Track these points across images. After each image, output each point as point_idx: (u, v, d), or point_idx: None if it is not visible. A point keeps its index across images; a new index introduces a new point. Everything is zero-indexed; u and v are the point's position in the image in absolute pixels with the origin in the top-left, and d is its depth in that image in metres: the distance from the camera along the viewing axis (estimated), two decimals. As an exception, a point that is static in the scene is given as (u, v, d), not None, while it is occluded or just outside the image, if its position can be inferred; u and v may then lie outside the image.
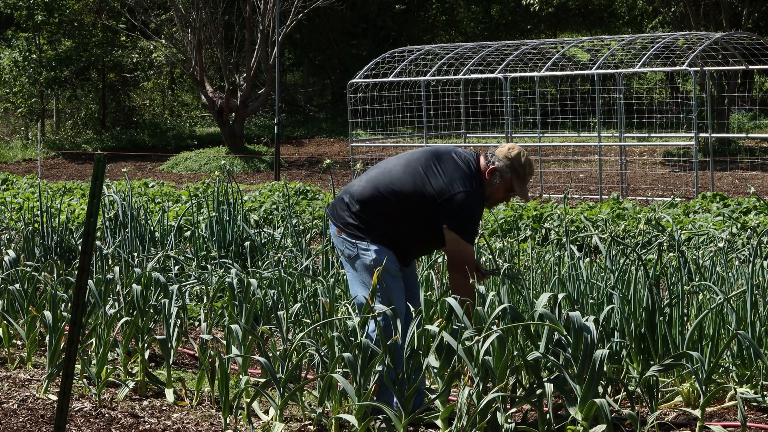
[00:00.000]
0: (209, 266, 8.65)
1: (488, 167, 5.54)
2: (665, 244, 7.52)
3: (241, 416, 5.65)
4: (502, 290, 6.11)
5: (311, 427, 5.58)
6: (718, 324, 5.94)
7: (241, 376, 5.84)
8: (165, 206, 11.32)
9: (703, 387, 5.26)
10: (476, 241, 5.71)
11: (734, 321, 5.99)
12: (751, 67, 18.05)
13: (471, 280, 5.35)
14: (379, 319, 5.18)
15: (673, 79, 27.50)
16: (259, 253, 9.25)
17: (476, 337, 4.98)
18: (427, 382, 5.90)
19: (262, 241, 9.58)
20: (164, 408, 6.01)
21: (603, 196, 16.86)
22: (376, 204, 5.53)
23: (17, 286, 7.33)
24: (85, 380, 6.35)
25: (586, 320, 5.05)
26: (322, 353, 5.62)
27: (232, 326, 6.02)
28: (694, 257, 7.73)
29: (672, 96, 27.16)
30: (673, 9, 24.41)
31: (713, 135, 17.75)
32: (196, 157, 25.70)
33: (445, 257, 5.88)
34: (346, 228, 5.56)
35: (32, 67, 29.19)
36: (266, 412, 5.73)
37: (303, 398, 5.72)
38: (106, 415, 5.83)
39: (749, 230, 9.99)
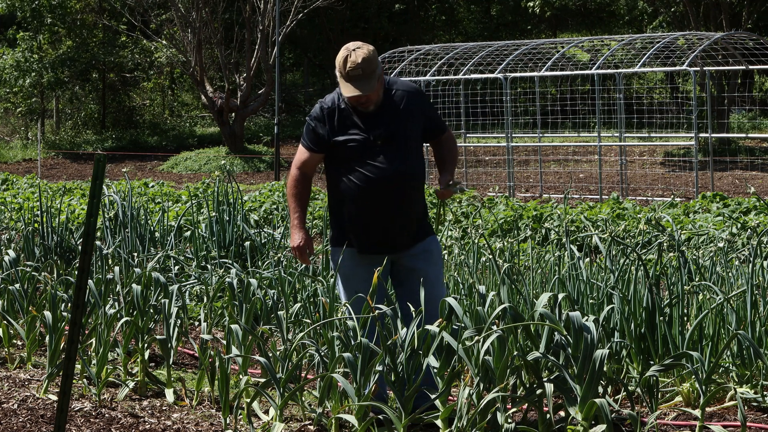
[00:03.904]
0: (209, 266, 8.65)
1: None
2: (665, 244, 7.52)
3: (241, 416, 5.65)
4: (502, 290, 6.12)
5: (311, 427, 5.58)
6: (718, 324, 5.94)
7: (241, 376, 5.84)
8: (165, 206, 11.33)
9: (703, 387, 5.26)
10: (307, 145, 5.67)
11: (734, 321, 5.99)
12: (751, 67, 18.05)
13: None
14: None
15: (673, 79, 27.50)
16: (259, 253, 9.25)
17: (476, 337, 4.98)
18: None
19: (262, 241, 9.58)
20: (164, 408, 6.01)
21: (603, 196, 16.86)
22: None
23: (17, 286, 7.33)
24: (85, 380, 6.35)
25: (586, 320, 5.05)
26: (322, 353, 5.62)
27: (232, 326, 6.02)
28: (694, 257, 7.73)
29: (672, 96, 27.16)
30: (673, 9, 24.41)
31: (713, 135, 17.75)
32: (196, 157, 25.71)
33: None
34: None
35: (34, 69, 29.19)
36: (266, 412, 5.73)
37: (303, 398, 5.72)
38: (106, 415, 5.83)
39: (749, 230, 9.99)
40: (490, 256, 6.96)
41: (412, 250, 5.66)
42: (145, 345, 6.36)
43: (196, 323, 7.97)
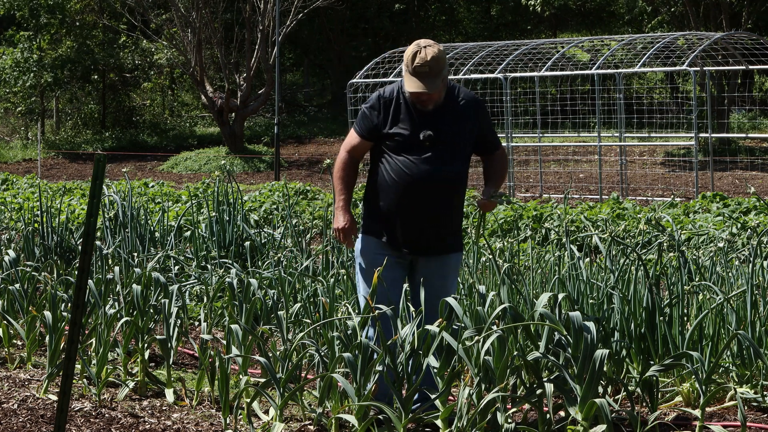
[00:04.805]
0: (209, 266, 8.65)
1: None
2: (665, 244, 7.52)
3: (241, 416, 5.65)
4: (502, 290, 6.12)
5: (311, 427, 5.58)
6: (718, 324, 5.94)
7: (241, 376, 5.84)
8: (165, 206, 11.33)
9: (703, 387, 5.26)
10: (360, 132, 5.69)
11: (734, 321, 5.99)
12: (751, 67, 18.06)
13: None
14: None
15: (673, 79, 27.50)
16: (259, 253, 9.25)
17: (476, 337, 4.98)
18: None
19: (262, 241, 9.58)
20: (164, 408, 6.01)
21: (603, 196, 16.86)
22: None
23: (17, 286, 7.33)
24: (85, 380, 6.35)
25: (586, 320, 5.05)
26: (322, 353, 5.62)
27: (232, 326, 6.02)
28: (694, 257, 7.73)
29: (672, 96, 27.16)
30: (672, 9, 24.41)
31: (713, 135, 17.75)
32: (196, 157, 25.70)
33: None
34: None
35: (34, 70, 29.19)
36: (266, 412, 5.73)
37: (303, 398, 5.72)
38: (106, 415, 5.83)
39: (749, 230, 9.99)
40: (490, 256, 6.96)
41: (436, 259, 5.62)
42: (145, 345, 6.36)
43: (196, 323, 7.97)
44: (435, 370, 5.26)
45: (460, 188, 5.62)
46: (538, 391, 5.01)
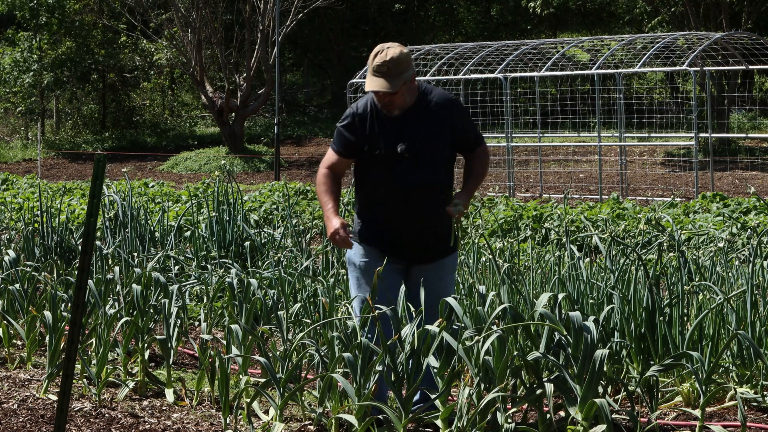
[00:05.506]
0: (209, 266, 8.65)
1: None
2: (665, 244, 7.52)
3: (241, 416, 5.65)
4: (502, 290, 6.11)
5: (311, 427, 5.58)
6: (718, 324, 5.94)
7: (241, 376, 5.84)
8: (165, 206, 11.33)
9: (703, 387, 5.26)
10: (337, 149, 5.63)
11: (734, 321, 5.99)
12: (751, 67, 18.05)
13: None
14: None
15: (673, 79, 27.50)
16: (259, 253, 9.25)
17: (476, 337, 4.98)
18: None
19: (262, 241, 9.58)
20: (164, 408, 6.01)
21: (603, 196, 16.87)
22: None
23: (17, 286, 7.33)
24: (85, 380, 6.35)
25: (586, 320, 5.05)
26: (322, 353, 5.62)
27: (232, 326, 6.02)
28: (694, 257, 7.73)
29: (672, 96, 27.16)
30: (672, 9, 24.42)
31: (713, 135, 17.75)
32: (196, 157, 25.70)
33: None
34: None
35: (34, 70, 29.19)
36: (266, 412, 5.73)
37: (303, 398, 5.72)
38: (106, 415, 5.83)
39: (749, 230, 9.99)
40: (490, 256, 6.96)
41: (431, 264, 5.61)
42: (145, 345, 6.36)
43: (196, 323, 7.97)
44: (435, 370, 5.26)
45: (445, 192, 5.57)
46: (538, 391, 5.01)
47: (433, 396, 5.20)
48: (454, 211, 5.49)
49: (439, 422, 5.11)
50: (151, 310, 6.51)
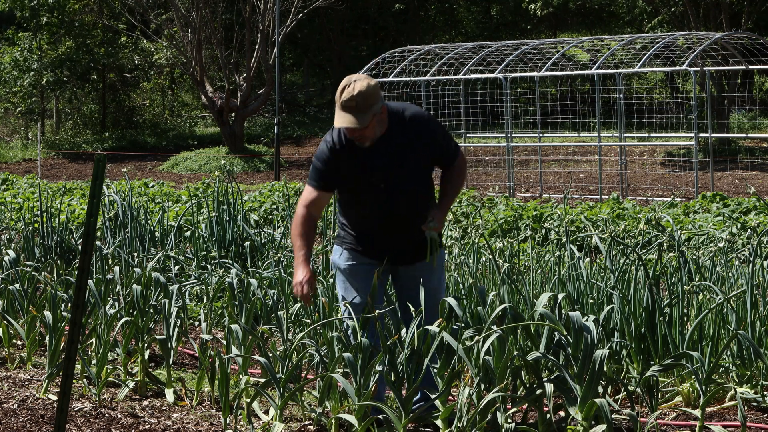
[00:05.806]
0: (209, 266, 8.65)
1: None
2: (665, 244, 7.52)
3: (241, 416, 5.65)
4: (502, 290, 6.12)
5: (311, 427, 5.58)
6: (718, 324, 5.94)
7: (241, 376, 5.84)
8: (165, 206, 11.33)
9: (703, 387, 5.26)
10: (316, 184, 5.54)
11: (734, 321, 5.99)
12: (751, 67, 18.05)
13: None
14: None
15: (673, 79, 27.50)
16: (259, 253, 9.25)
17: (476, 337, 4.98)
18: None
19: (262, 241, 9.58)
20: (164, 408, 6.01)
21: (603, 196, 16.87)
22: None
23: (17, 286, 7.33)
24: (85, 380, 6.35)
25: (586, 320, 5.05)
26: (322, 353, 5.62)
27: (232, 326, 6.02)
28: (694, 257, 7.73)
29: (672, 96, 27.16)
30: (672, 9, 24.42)
31: (713, 135, 17.75)
32: (196, 157, 25.71)
33: None
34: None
35: (34, 70, 29.19)
36: (266, 412, 5.73)
37: (303, 398, 5.72)
38: (106, 415, 5.83)
39: (749, 230, 9.99)
40: (490, 256, 6.96)
41: (417, 264, 5.58)
42: (145, 345, 6.36)
43: (196, 323, 7.98)
44: (435, 370, 5.26)
45: (428, 202, 5.53)
46: (538, 391, 5.01)
47: (433, 396, 5.20)
48: (429, 228, 5.42)
49: (439, 422, 5.11)
50: (151, 310, 6.51)
